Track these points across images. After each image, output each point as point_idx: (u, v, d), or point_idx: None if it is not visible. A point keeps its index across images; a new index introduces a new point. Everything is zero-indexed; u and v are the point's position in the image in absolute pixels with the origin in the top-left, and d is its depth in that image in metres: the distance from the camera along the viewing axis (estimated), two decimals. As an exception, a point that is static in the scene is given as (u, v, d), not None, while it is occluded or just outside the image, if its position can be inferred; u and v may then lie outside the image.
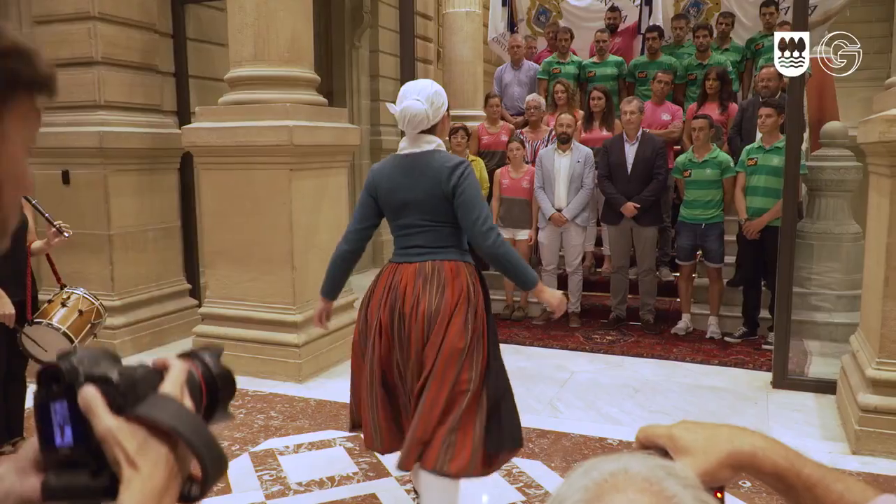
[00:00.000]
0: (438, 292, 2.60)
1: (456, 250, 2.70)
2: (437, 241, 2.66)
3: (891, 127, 3.54)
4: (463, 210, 2.59)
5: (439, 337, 2.58)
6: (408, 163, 2.67)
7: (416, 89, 2.66)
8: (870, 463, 3.67)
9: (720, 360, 5.37)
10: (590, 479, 0.65)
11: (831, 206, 6.02)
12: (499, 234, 2.63)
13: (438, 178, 2.59)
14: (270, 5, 4.86)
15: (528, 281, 2.73)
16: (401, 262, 2.71)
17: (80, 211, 5.51)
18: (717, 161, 5.73)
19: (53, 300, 3.68)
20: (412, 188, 2.63)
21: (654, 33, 7.27)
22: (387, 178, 2.71)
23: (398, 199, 2.67)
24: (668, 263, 6.66)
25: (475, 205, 2.59)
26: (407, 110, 2.59)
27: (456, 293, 2.61)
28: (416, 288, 2.61)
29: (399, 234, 2.74)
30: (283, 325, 5.02)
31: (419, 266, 2.64)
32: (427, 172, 2.62)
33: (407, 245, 2.70)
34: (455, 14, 9.18)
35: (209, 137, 5.01)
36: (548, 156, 6.17)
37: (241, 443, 3.96)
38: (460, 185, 2.58)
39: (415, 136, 2.66)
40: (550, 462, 3.69)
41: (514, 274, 2.71)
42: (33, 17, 5.63)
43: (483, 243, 2.60)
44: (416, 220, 2.66)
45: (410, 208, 2.65)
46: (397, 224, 2.73)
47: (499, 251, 2.62)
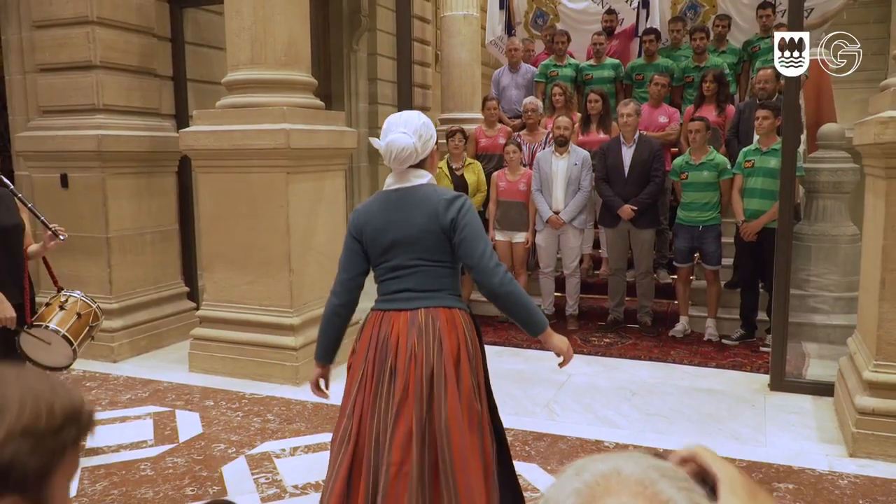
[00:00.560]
0: (436, 347, 2.33)
1: (450, 294, 2.44)
2: (429, 283, 2.40)
3: (885, 129, 3.55)
4: (466, 246, 2.34)
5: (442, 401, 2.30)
6: (397, 198, 2.42)
7: (402, 121, 2.40)
8: (867, 466, 3.67)
9: (718, 362, 5.37)
10: (581, 482, 0.63)
11: (829, 207, 6.02)
12: (507, 272, 2.37)
13: (435, 211, 2.35)
14: (267, 9, 4.87)
15: (538, 324, 2.42)
16: (388, 308, 2.43)
17: (79, 214, 5.52)
18: (714, 163, 5.74)
19: (51, 303, 3.68)
20: (403, 225, 2.38)
21: (650, 36, 7.28)
22: (374, 217, 2.44)
23: (387, 238, 2.41)
24: (666, 266, 6.66)
25: (480, 239, 2.35)
26: (393, 144, 2.34)
27: (454, 346, 2.36)
28: (409, 340, 2.33)
29: (386, 279, 2.46)
30: (281, 327, 5.03)
31: (411, 315, 2.37)
32: (421, 207, 2.37)
33: (396, 289, 2.42)
34: (453, 17, 9.19)
35: (207, 141, 5.02)
36: (545, 158, 6.18)
37: (238, 446, 3.96)
38: (462, 219, 2.34)
39: (402, 172, 2.42)
40: (547, 465, 3.69)
41: (522, 316, 2.41)
42: (33, 22, 5.64)
43: (491, 280, 2.33)
44: (407, 261, 2.40)
45: (401, 248, 2.40)
46: (384, 267, 2.45)
47: (508, 289, 2.35)
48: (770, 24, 6.97)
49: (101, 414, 4.48)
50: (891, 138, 3.54)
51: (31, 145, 5.66)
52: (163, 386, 5.00)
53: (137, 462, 3.77)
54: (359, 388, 2.40)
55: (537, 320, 2.43)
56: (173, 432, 4.18)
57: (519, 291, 2.39)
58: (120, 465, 3.75)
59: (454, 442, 2.28)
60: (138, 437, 4.10)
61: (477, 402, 2.37)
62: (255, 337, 5.08)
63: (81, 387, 4.98)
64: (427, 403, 2.30)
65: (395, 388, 2.32)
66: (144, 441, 4.06)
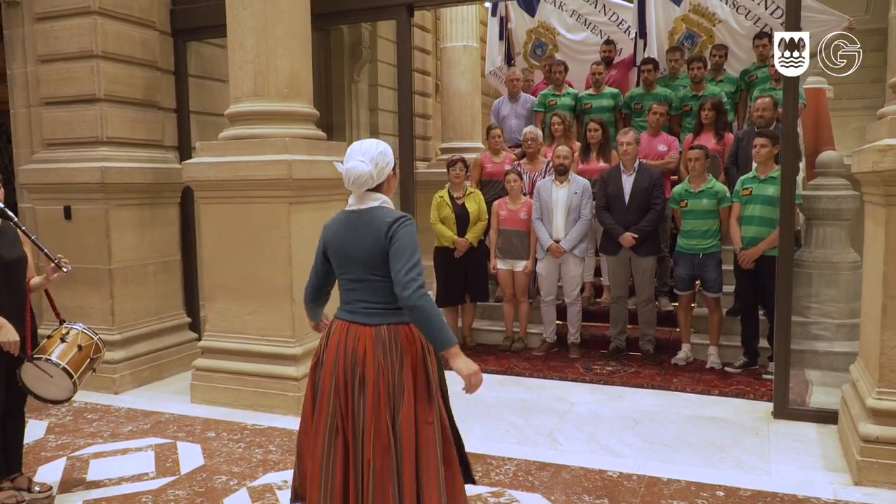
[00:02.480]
0: (398, 363, 2.63)
1: (399, 309, 2.64)
2: (383, 296, 2.65)
3: (884, 157, 3.57)
4: (393, 257, 2.58)
5: (409, 410, 2.61)
6: (355, 218, 2.71)
7: (362, 150, 2.68)
8: (872, 494, 3.64)
9: (721, 390, 5.35)
10: None
11: (829, 234, 6.04)
12: (422, 286, 2.55)
13: (379, 232, 2.61)
14: (270, 42, 4.94)
15: (443, 342, 2.57)
16: (351, 320, 2.71)
17: (82, 245, 5.55)
18: (714, 191, 5.77)
19: (52, 335, 3.68)
20: (357, 244, 2.67)
21: (649, 65, 7.36)
22: (336, 235, 2.76)
23: (345, 254, 2.72)
24: (668, 293, 6.67)
25: (405, 252, 2.56)
26: (351, 171, 2.63)
27: (413, 359, 2.66)
28: (376, 356, 2.62)
29: (346, 288, 2.77)
30: (283, 357, 5.02)
31: (375, 331, 2.65)
32: (370, 227, 2.65)
33: (354, 299, 2.72)
34: (453, 48, 9.32)
35: (209, 172, 5.06)
36: (545, 187, 6.22)
37: (240, 478, 3.94)
38: (395, 235, 2.59)
39: (361, 195, 2.70)
40: (551, 495, 3.66)
41: (431, 330, 2.57)
42: (38, 56, 5.72)
43: (404, 291, 2.52)
44: (361, 275, 2.68)
45: (356, 262, 2.68)
46: (345, 278, 2.76)
47: (419, 302, 2.52)
48: (767, 54, 7.03)
49: (103, 446, 4.46)
50: (889, 166, 3.56)
51: (34, 178, 5.70)
52: (164, 417, 4.98)
53: (139, 495, 3.75)
54: (335, 390, 2.68)
55: (443, 338, 2.58)
56: (175, 464, 4.15)
57: (430, 306, 2.56)
58: (121, 497, 3.73)
59: (405, 439, 2.59)
60: (140, 470, 4.08)
61: (433, 406, 2.68)
62: (256, 367, 5.07)
63: (83, 419, 4.97)
64: (395, 406, 2.61)
65: (365, 394, 2.62)
66: (146, 473, 4.03)
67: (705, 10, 8.11)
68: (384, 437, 2.58)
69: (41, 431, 4.71)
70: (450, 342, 2.58)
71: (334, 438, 2.67)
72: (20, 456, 3.78)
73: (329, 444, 2.68)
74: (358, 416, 2.63)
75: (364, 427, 2.61)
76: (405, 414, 2.60)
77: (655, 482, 3.81)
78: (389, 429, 2.59)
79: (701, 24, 8.22)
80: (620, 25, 8.67)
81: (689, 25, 8.25)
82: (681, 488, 3.73)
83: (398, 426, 2.60)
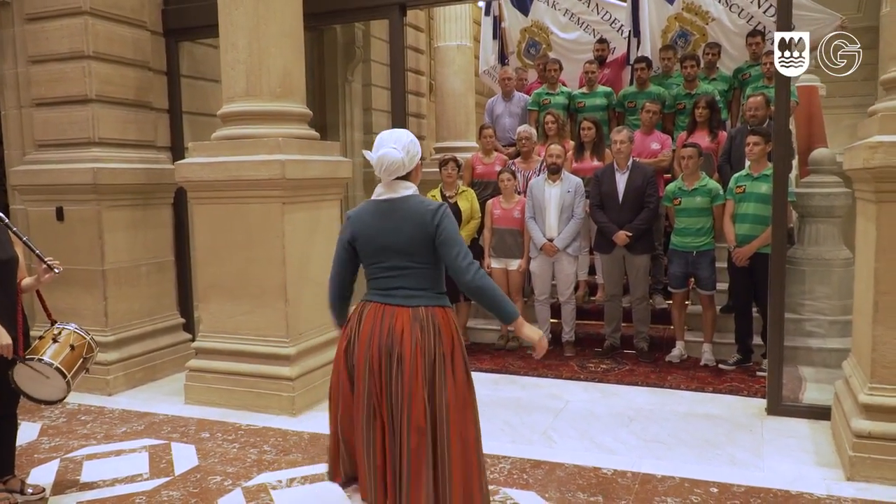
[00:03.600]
0: (437, 340, 2.68)
1: (438, 294, 2.78)
2: (419, 283, 2.72)
3: (874, 153, 3.59)
4: (444, 247, 2.66)
5: (442, 386, 2.66)
6: (386, 207, 2.73)
7: (393, 138, 2.72)
8: (865, 489, 3.65)
9: (714, 387, 5.36)
10: None
11: (822, 231, 6.06)
12: (479, 268, 2.69)
13: (423, 220, 2.67)
14: (262, 42, 4.93)
15: (509, 314, 2.74)
16: (386, 302, 2.74)
17: (74, 247, 5.53)
18: (707, 189, 5.78)
19: (44, 336, 3.67)
20: (394, 232, 2.70)
21: (642, 64, 7.36)
22: (367, 226, 2.76)
23: (379, 243, 2.73)
24: (662, 291, 6.68)
25: (455, 241, 2.67)
26: (384, 158, 2.66)
27: (450, 339, 2.71)
28: (413, 333, 2.65)
29: (380, 276, 2.77)
30: (277, 357, 5.02)
31: (413, 311, 2.69)
32: (409, 216, 2.69)
33: (389, 286, 2.75)
34: (446, 47, 9.31)
35: (202, 172, 5.05)
36: (538, 186, 6.22)
37: (234, 478, 3.93)
38: (441, 224, 2.66)
39: (390, 183, 2.73)
40: (545, 493, 3.67)
41: (495, 307, 2.73)
42: (29, 57, 5.69)
43: (464, 277, 2.64)
44: (399, 263, 2.71)
45: (392, 251, 2.71)
46: (378, 267, 2.77)
47: (480, 283, 2.66)
48: (760, 52, 7.06)
49: (96, 448, 4.45)
50: (879, 163, 3.57)
51: (26, 179, 5.68)
52: (158, 418, 4.97)
53: (133, 496, 3.74)
54: (369, 370, 2.69)
55: (509, 310, 2.73)
56: (169, 465, 4.15)
57: (491, 284, 2.70)
58: (115, 499, 3.72)
59: (452, 421, 2.66)
60: (133, 471, 4.07)
61: (471, 388, 2.77)
62: (250, 368, 5.06)
63: (76, 420, 4.95)
64: (431, 386, 2.65)
65: (403, 373, 2.64)
66: (140, 474, 4.02)
67: (698, 8, 8.13)
68: (420, 417, 2.61)
69: (34, 433, 4.70)
70: (515, 313, 2.75)
71: (373, 420, 2.71)
72: (13, 458, 3.76)
73: (368, 427, 2.72)
74: (395, 395, 2.65)
75: (400, 406, 2.64)
76: (449, 393, 2.66)
77: (650, 479, 3.82)
78: (426, 409, 2.62)
79: (694, 23, 8.24)
80: (613, 24, 8.70)
81: (683, 24, 8.27)
82: (675, 485, 3.74)
83: (442, 405, 2.65)
